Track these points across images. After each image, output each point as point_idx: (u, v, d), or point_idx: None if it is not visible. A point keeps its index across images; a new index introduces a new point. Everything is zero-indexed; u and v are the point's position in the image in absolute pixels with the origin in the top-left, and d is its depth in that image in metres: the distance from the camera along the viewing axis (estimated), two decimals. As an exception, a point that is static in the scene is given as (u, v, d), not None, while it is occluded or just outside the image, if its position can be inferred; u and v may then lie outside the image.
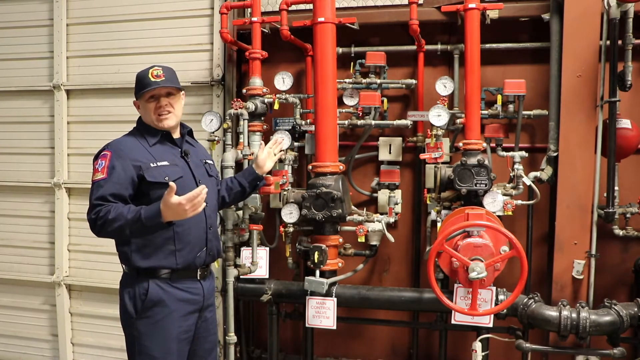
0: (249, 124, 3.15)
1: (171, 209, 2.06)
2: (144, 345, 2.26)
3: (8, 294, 4.10)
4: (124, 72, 3.73)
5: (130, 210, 2.13)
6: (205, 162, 2.50)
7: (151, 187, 2.22)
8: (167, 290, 2.26)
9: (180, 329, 2.29)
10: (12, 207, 4.06)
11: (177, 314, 2.28)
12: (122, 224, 2.11)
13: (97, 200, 2.17)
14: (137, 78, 2.36)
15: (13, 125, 4.03)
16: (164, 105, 2.32)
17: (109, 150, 2.25)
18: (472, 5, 2.88)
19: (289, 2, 3.15)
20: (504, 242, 2.53)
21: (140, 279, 2.26)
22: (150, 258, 2.25)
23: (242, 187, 2.66)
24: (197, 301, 2.35)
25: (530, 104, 3.16)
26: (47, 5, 3.87)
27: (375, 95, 3.14)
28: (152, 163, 2.26)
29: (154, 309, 2.24)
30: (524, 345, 2.84)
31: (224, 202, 2.66)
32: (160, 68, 2.32)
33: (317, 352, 3.54)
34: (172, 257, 2.26)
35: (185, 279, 2.31)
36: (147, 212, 2.10)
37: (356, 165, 3.56)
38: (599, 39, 2.83)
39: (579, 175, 2.86)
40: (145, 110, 2.34)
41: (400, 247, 3.51)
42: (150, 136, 2.35)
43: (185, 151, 2.40)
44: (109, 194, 2.16)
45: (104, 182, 2.18)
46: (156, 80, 2.29)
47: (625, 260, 3.20)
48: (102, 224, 2.13)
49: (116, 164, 2.20)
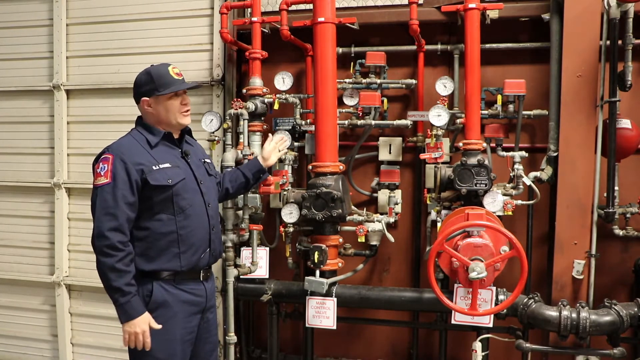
0: (249, 124, 3.15)
1: (135, 326, 2.14)
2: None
3: (8, 294, 4.10)
4: (124, 72, 3.73)
5: (128, 284, 2.13)
6: (204, 162, 2.49)
7: (154, 190, 2.20)
8: (171, 291, 2.26)
9: (184, 330, 2.29)
10: (12, 207, 4.05)
11: (181, 316, 2.28)
12: (114, 279, 2.11)
13: (113, 231, 2.11)
14: (155, 75, 2.28)
15: (13, 125, 4.02)
16: (188, 102, 2.33)
17: (111, 154, 2.20)
18: (472, 5, 2.88)
19: (289, 2, 3.15)
20: (504, 242, 2.53)
21: (144, 280, 2.24)
22: (154, 261, 2.23)
23: (245, 178, 2.65)
24: (200, 302, 2.35)
25: (530, 104, 3.16)
26: (47, 5, 3.87)
27: (375, 95, 3.14)
28: (154, 166, 2.22)
29: (158, 311, 2.23)
30: (524, 345, 2.83)
31: (228, 193, 2.65)
32: (176, 67, 2.33)
33: (317, 352, 3.54)
34: (177, 260, 2.25)
35: (188, 280, 2.30)
36: (129, 304, 2.13)
37: (356, 165, 3.56)
38: (599, 39, 2.84)
39: (579, 175, 2.86)
40: (168, 108, 2.29)
41: (400, 247, 3.51)
42: (151, 137, 2.30)
43: (186, 151, 2.38)
44: (125, 220, 2.13)
45: (109, 188, 2.14)
46: (179, 79, 2.30)
47: (625, 260, 3.20)
48: (110, 267, 2.10)
49: (119, 168, 2.16)
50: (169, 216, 2.23)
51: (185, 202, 2.26)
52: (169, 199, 2.23)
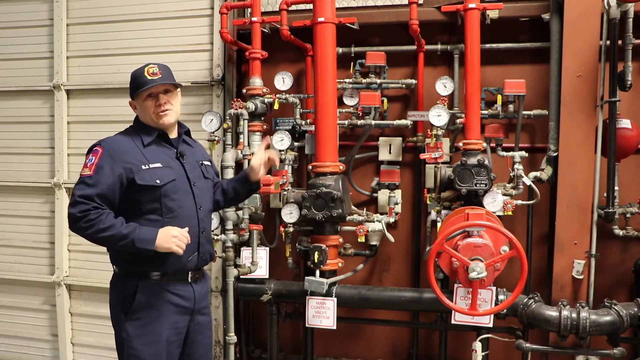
0: (249, 124, 3.16)
1: (166, 234, 2.10)
2: (133, 347, 2.20)
3: (8, 294, 4.10)
4: (124, 72, 3.70)
5: (124, 225, 2.10)
6: (201, 164, 2.41)
7: (141, 190, 2.16)
8: (157, 292, 2.21)
9: (170, 331, 2.23)
10: (12, 207, 4.06)
11: (167, 317, 2.22)
12: (113, 235, 2.08)
13: (83, 198, 2.10)
14: (132, 77, 2.27)
15: (13, 125, 4.03)
16: (163, 102, 2.24)
17: (101, 147, 2.19)
18: (472, 5, 2.88)
19: (289, 2, 3.16)
20: (504, 242, 2.53)
21: (130, 280, 2.21)
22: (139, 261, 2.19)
23: (236, 194, 2.57)
24: (188, 304, 2.28)
25: (530, 104, 3.16)
26: (47, 5, 3.88)
27: (375, 95, 3.14)
28: (144, 165, 2.19)
29: (142, 311, 2.20)
30: (524, 345, 2.83)
31: (218, 205, 2.57)
32: (155, 65, 2.26)
33: (317, 352, 3.54)
34: (162, 261, 2.19)
35: (175, 282, 2.25)
36: (141, 234, 2.09)
37: (356, 165, 3.56)
38: (599, 39, 2.83)
39: (579, 175, 2.86)
40: (143, 109, 2.26)
41: (400, 247, 3.51)
42: (145, 135, 2.27)
43: (181, 152, 2.32)
44: (95, 195, 2.11)
45: (89, 180, 2.13)
46: (153, 78, 2.22)
47: (625, 260, 3.20)
48: (89, 226, 2.07)
49: (105, 163, 2.14)
50: (157, 217, 2.19)
51: (174, 203, 2.22)
52: (156, 200, 2.19)
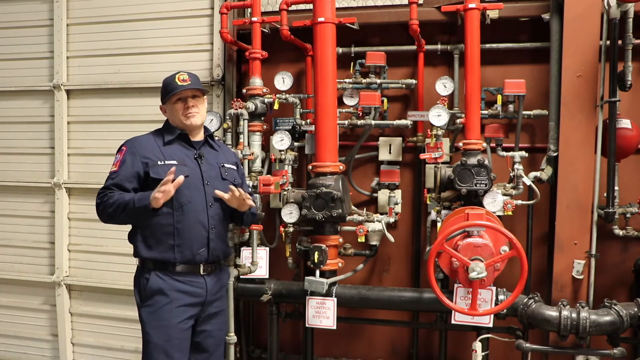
0: (249, 124, 3.16)
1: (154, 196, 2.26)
2: (147, 332, 2.40)
3: (8, 294, 4.10)
4: (124, 72, 3.73)
5: (127, 195, 2.33)
6: (222, 166, 2.54)
7: (155, 183, 2.31)
8: (167, 280, 2.38)
9: (180, 318, 2.38)
10: (12, 207, 4.06)
11: (176, 304, 2.38)
12: (117, 205, 2.30)
13: (104, 189, 2.38)
14: (164, 84, 2.51)
15: (13, 125, 4.03)
16: (190, 105, 2.45)
17: (125, 146, 2.45)
18: (472, 5, 2.88)
19: (289, 2, 3.16)
20: (504, 242, 2.53)
21: (145, 270, 2.41)
22: (152, 249, 2.39)
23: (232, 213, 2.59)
24: (199, 294, 2.43)
25: (530, 104, 3.17)
26: (47, 5, 3.88)
27: (375, 95, 3.14)
28: (160, 161, 2.40)
29: (154, 298, 2.38)
30: (524, 345, 2.83)
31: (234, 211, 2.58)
32: (185, 73, 2.49)
33: (317, 352, 3.54)
34: (171, 252, 2.37)
35: (186, 272, 2.41)
36: (139, 196, 2.31)
37: (356, 165, 3.56)
38: (599, 39, 2.83)
39: (579, 175, 2.86)
40: (173, 111, 2.48)
41: (400, 247, 3.51)
42: (167, 134, 2.48)
43: (200, 153, 2.48)
44: (112, 184, 2.37)
45: (114, 175, 2.39)
46: (183, 84, 2.44)
47: (625, 260, 3.20)
48: (103, 208, 2.35)
49: (127, 158, 2.40)
50: (168, 209, 2.35)
51: (184, 198, 2.37)
52: None
